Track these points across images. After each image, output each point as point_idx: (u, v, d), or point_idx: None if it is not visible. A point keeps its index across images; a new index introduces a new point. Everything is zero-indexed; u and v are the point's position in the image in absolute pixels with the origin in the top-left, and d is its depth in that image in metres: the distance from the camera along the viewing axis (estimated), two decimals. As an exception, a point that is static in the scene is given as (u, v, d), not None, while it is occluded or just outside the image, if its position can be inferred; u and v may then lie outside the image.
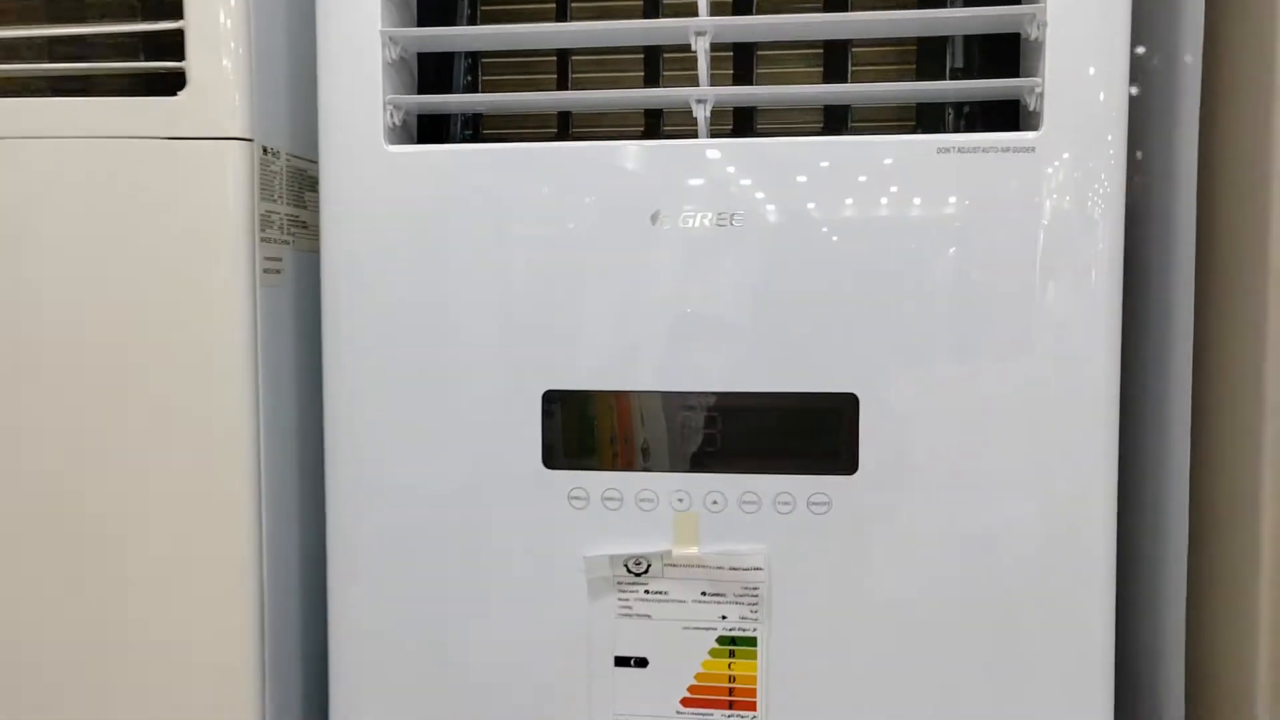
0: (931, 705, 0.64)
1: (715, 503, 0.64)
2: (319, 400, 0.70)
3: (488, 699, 0.68)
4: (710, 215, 0.63)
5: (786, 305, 0.63)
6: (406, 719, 0.69)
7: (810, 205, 0.62)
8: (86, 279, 0.70)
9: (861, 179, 0.62)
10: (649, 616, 0.65)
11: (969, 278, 0.62)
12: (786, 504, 0.64)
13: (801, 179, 0.63)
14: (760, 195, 0.63)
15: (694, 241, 0.63)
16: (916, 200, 0.62)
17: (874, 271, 0.63)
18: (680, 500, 0.65)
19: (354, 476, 0.68)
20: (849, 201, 0.63)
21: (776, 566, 0.64)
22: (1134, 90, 0.77)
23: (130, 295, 0.69)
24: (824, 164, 0.63)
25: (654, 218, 0.64)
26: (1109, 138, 0.62)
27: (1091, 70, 0.62)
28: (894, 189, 0.62)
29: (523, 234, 0.65)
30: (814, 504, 0.64)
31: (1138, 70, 0.74)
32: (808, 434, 0.64)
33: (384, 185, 0.67)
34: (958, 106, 0.70)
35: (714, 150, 0.64)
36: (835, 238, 0.63)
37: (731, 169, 0.63)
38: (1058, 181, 0.62)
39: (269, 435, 0.71)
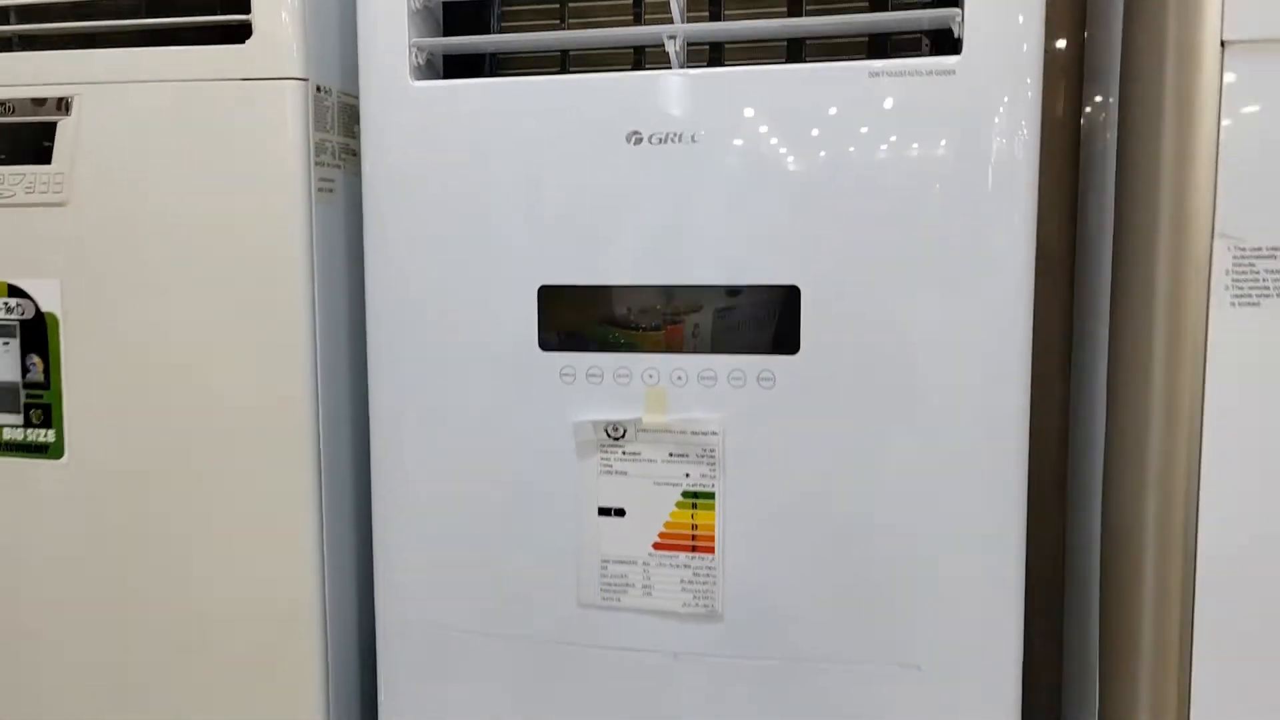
0: (858, 545, 0.76)
1: (679, 378, 0.77)
2: (363, 295, 0.84)
3: (499, 543, 0.82)
4: (677, 134, 0.75)
5: (740, 211, 0.74)
6: (432, 558, 0.84)
7: (760, 125, 0.73)
8: (174, 198, 0.85)
9: (804, 101, 0.73)
10: (626, 473, 0.79)
11: (895, 188, 0.72)
12: (739, 380, 0.76)
13: (753, 102, 0.73)
14: (719, 117, 0.74)
15: (664, 157, 0.75)
16: (852, 119, 0.72)
17: (814, 181, 0.73)
18: (650, 376, 0.77)
19: (391, 353, 0.83)
20: (794, 121, 0.73)
21: (730, 432, 0.76)
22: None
23: (209, 210, 0.85)
24: (772, 88, 0.73)
25: (630, 137, 0.75)
26: (1028, 80, 0.70)
27: (1010, 6, 0.70)
28: (832, 110, 0.73)
29: (518, 153, 0.77)
30: (762, 379, 0.76)
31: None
32: (757, 321, 0.75)
33: (410, 115, 0.80)
34: (933, 41, 0.79)
35: (679, 79, 0.75)
36: (782, 152, 0.73)
37: (694, 95, 0.74)
38: (976, 105, 0.71)
39: (323, 323, 0.86)
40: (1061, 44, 1.02)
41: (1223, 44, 0.66)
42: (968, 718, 0.76)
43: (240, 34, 0.84)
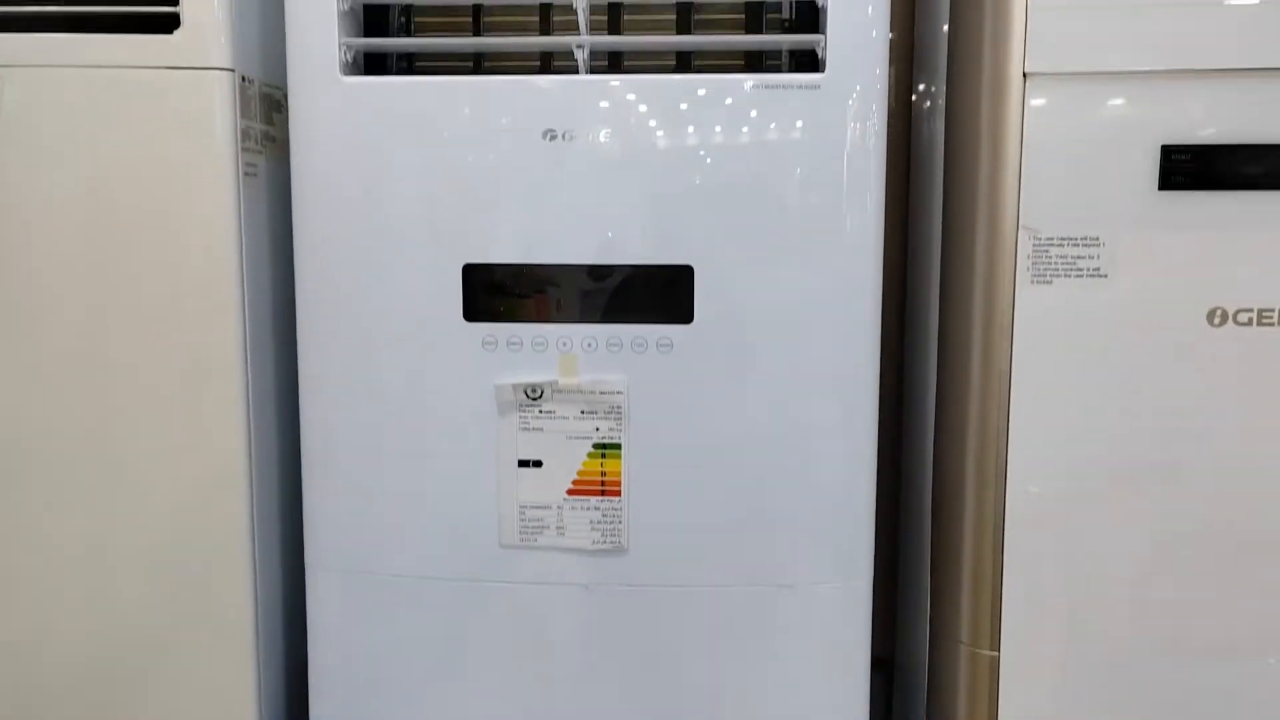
0: (744, 491, 0.90)
1: (589, 345, 0.89)
2: (291, 269, 0.91)
3: (425, 494, 0.92)
4: (585, 132, 0.86)
5: (641, 201, 0.87)
6: (360, 509, 0.92)
7: (653, 125, 0.86)
8: (102, 181, 0.90)
9: (692, 106, 0.86)
10: (542, 430, 0.90)
11: (771, 185, 0.86)
12: (641, 346, 0.88)
13: (646, 106, 0.86)
14: (624, 117, 0.86)
15: (575, 152, 0.86)
16: (734, 124, 0.86)
17: (704, 175, 0.86)
18: (564, 344, 0.89)
19: (320, 327, 0.90)
20: (684, 123, 0.86)
21: (634, 391, 0.89)
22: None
23: (140, 193, 0.90)
24: (664, 94, 0.86)
25: (545, 134, 0.86)
26: (876, 88, 0.85)
27: (863, 28, 0.85)
28: (717, 115, 0.86)
29: (445, 145, 0.87)
30: (661, 345, 0.88)
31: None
32: (657, 295, 0.88)
33: (339, 107, 0.88)
34: (792, 55, 0.93)
35: (588, 85, 0.86)
36: (673, 149, 0.86)
37: (601, 97, 0.86)
38: (839, 113, 0.85)
39: (251, 292, 0.92)
40: (892, 36, 1.18)
41: (1025, 76, 0.83)
42: (829, 626, 0.92)
43: (165, 23, 0.89)
